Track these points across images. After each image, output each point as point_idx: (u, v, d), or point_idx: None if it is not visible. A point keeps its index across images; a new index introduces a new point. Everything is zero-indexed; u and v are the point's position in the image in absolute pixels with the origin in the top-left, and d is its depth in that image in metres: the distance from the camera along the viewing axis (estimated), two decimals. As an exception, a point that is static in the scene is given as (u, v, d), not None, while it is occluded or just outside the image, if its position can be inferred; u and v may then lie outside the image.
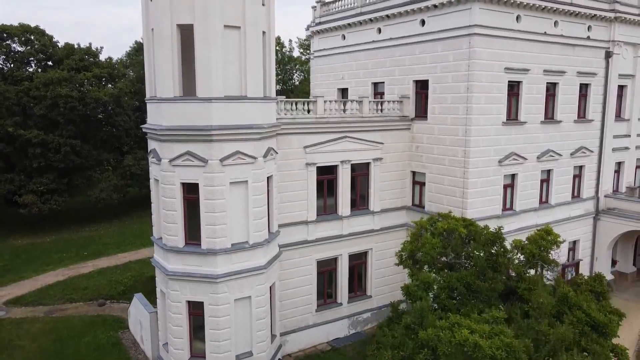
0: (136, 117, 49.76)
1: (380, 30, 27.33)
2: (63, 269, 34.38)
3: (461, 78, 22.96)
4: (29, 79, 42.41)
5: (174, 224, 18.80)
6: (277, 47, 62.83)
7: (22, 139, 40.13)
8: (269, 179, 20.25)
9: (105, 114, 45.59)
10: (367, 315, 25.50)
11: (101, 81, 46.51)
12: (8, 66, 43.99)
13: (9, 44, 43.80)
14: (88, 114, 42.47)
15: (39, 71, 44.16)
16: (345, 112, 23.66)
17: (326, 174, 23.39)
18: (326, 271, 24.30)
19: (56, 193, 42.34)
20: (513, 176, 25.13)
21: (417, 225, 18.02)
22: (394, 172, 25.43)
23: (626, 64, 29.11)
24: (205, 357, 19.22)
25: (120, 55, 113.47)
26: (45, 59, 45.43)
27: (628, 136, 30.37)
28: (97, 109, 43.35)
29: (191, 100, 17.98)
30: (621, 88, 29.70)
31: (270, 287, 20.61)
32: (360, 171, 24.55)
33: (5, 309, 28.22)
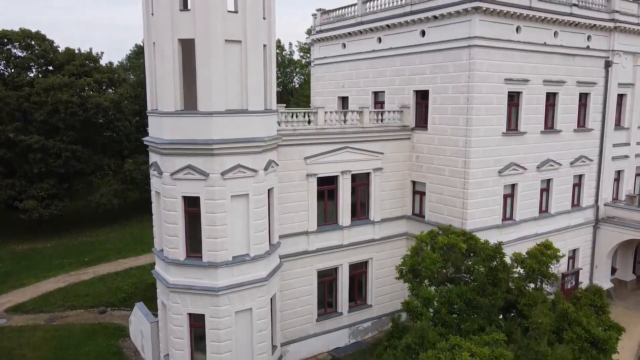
0: (136, 122, 49.90)
1: (380, 40, 27.39)
2: (64, 275, 34.45)
3: (461, 89, 23.03)
4: (30, 84, 42.49)
5: (175, 236, 18.88)
6: (277, 50, 62.95)
7: (22, 144, 40.24)
8: (269, 191, 20.32)
9: (105, 119, 45.63)
10: (367, 325, 25.59)
11: (102, 86, 46.58)
12: (9, 71, 44.05)
13: (9, 49, 43.89)
14: (89, 118, 42.51)
15: (40, 76, 44.23)
16: (345, 122, 23.74)
17: (326, 184, 23.47)
18: (327, 281, 24.39)
19: (57, 198, 42.45)
20: (513, 186, 25.20)
21: (417, 239, 18.08)
22: (394, 182, 25.51)
23: (626, 73, 29.18)
24: (206, 369, 19.30)
25: (121, 53, 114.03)
26: (45, 64, 45.48)
27: (628, 144, 30.44)
28: (98, 114, 43.39)
29: (192, 115, 18.05)
30: (621, 97, 29.77)
31: (271, 298, 20.69)
32: (360, 181, 24.62)
33: (7, 317, 28.30)
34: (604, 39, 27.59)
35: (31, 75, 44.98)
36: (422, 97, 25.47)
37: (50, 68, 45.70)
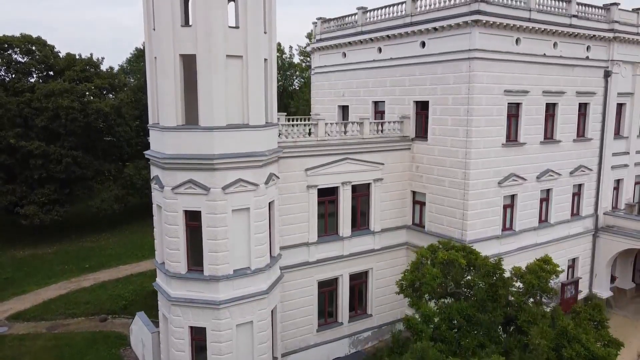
0: (136, 126, 49.91)
1: (380, 50, 27.47)
2: (65, 282, 34.54)
3: (461, 100, 23.12)
4: (31, 90, 42.55)
5: (176, 250, 18.97)
6: (277, 54, 62.95)
7: (23, 150, 40.31)
8: (270, 204, 20.40)
9: (106, 124, 45.69)
10: (367, 334, 25.69)
11: (102, 92, 46.64)
12: (9, 77, 44.11)
13: (10, 54, 43.94)
14: (89, 124, 42.57)
15: (41, 82, 44.28)
16: (346, 133, 23.83)
17: (327, 195, 23.56)
18: (327, 291, 24.49)
19: (57, 204, 42.52)
20: (513, 197, 25.30)
21: (417, 254, 18.18)
22: (394, 192, 25.60)
23: (625, 83, 29.29)
24: (207, 382, 19.38)
25: (121, 54, 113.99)
26: (46, 69, 45.56)
27: (627, 153, 30.54)
28: (98, 119, 43.45)
29: (194, 130, 18.14)
30: (620, 106, 29.87)
31: (272, 310, 20.78)
32: (360, 192, 24.71)
33: (8, 325, 28.39)
34: (603, 49, 27.69)
35: (32, 80, 45.06)
36: (422, 107, 25.56)
37: (51, 73, 45.82)
